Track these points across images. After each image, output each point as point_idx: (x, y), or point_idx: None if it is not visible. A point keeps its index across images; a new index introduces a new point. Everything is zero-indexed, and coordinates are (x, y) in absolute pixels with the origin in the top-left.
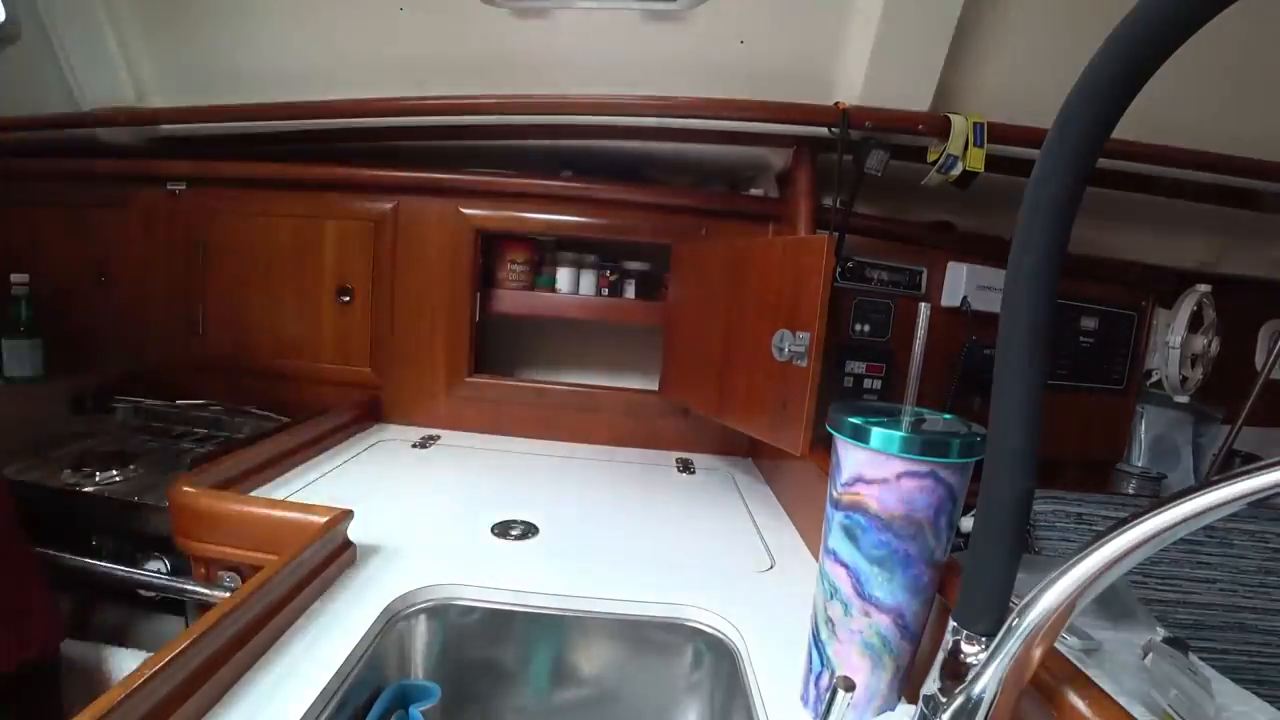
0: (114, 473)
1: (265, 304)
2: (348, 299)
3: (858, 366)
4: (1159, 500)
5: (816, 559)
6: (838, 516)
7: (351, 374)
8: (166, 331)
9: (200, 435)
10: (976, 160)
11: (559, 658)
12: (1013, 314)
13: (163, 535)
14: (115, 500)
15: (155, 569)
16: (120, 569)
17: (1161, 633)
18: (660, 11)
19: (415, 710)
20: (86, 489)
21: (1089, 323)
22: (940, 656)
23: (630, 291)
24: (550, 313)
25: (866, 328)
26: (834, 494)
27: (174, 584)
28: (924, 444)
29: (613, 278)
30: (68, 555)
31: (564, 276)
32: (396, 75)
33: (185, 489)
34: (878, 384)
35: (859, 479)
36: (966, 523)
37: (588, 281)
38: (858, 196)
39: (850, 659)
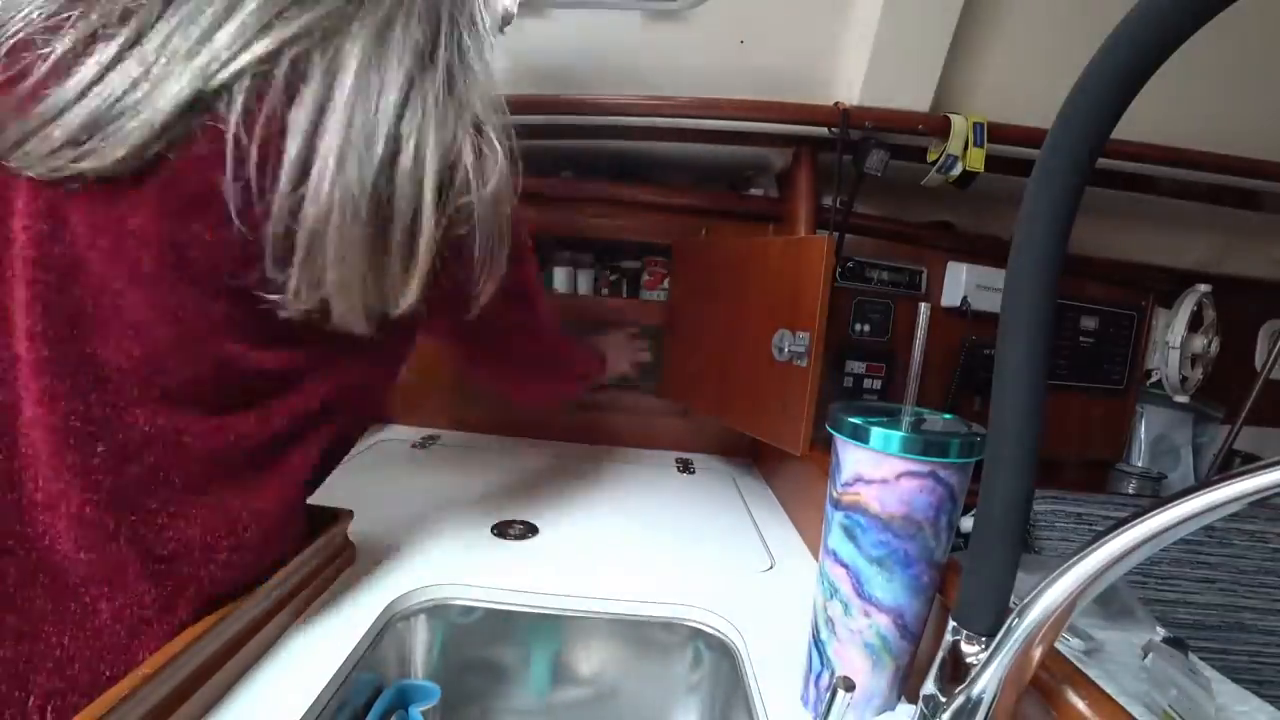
0: None
1: None
2: None
3: (858, 366)
4: (1159, 500)
5: (816, 559)
6: (837, 516)
7: None
8: None
9: None
10: (976, 160)
11: (559, 658)
12: (1013, 314)
13: None
14: None
15: None
16: None
17: (1161, 633)
18: (660, 11)
19: (415, 710)
20: None
21: (1089, 323)
22: (940, 656)
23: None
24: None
25: (866, 328)
26: (834, 494)
27: None
28: (924, 444)
29: (613, 278)
30: None
31: (560, 276)
32: None
33: None
34: (878, 384)
35: (859, 479)
36: (966, 523)
37: (585, 281)
38: (858, 196)
39: (850, 659)
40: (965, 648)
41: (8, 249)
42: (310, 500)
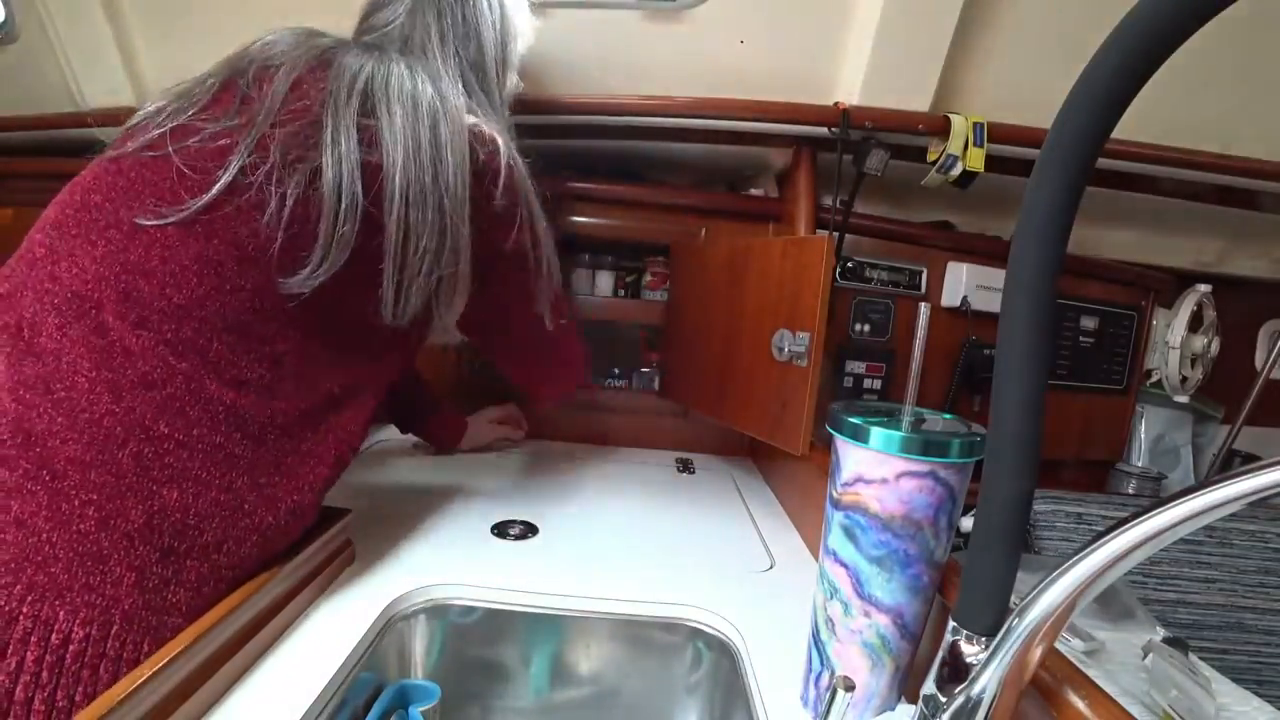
0: None
1: None
2: None
3: (858, 366)
4: (1159, 500)
5: (816, 559)
6: (837, 516)
7: None
8: None
9: None
10: (976, 160)
11: (559, 658)
12: (1013, 314)
13: None
14: None
15: None
16: None
17: (1161, 633)
18: (660, 11)
19: (415, 710)
20: None
21: (1089, 323)
22: (940, 656)
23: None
24: None
25: (866, 328)
26: (834, 494)
27: None
28: (924, 444)
29: (629, 279)
30: None
31: (579, 276)
32: None
33: None
34: (878, 384)
35: (859, 479)
36: (966, 523)
37: (605, 281)
38: (858, 196)
39: (850, 659)
40: (965, 647)
41: (89, 214)
42: None
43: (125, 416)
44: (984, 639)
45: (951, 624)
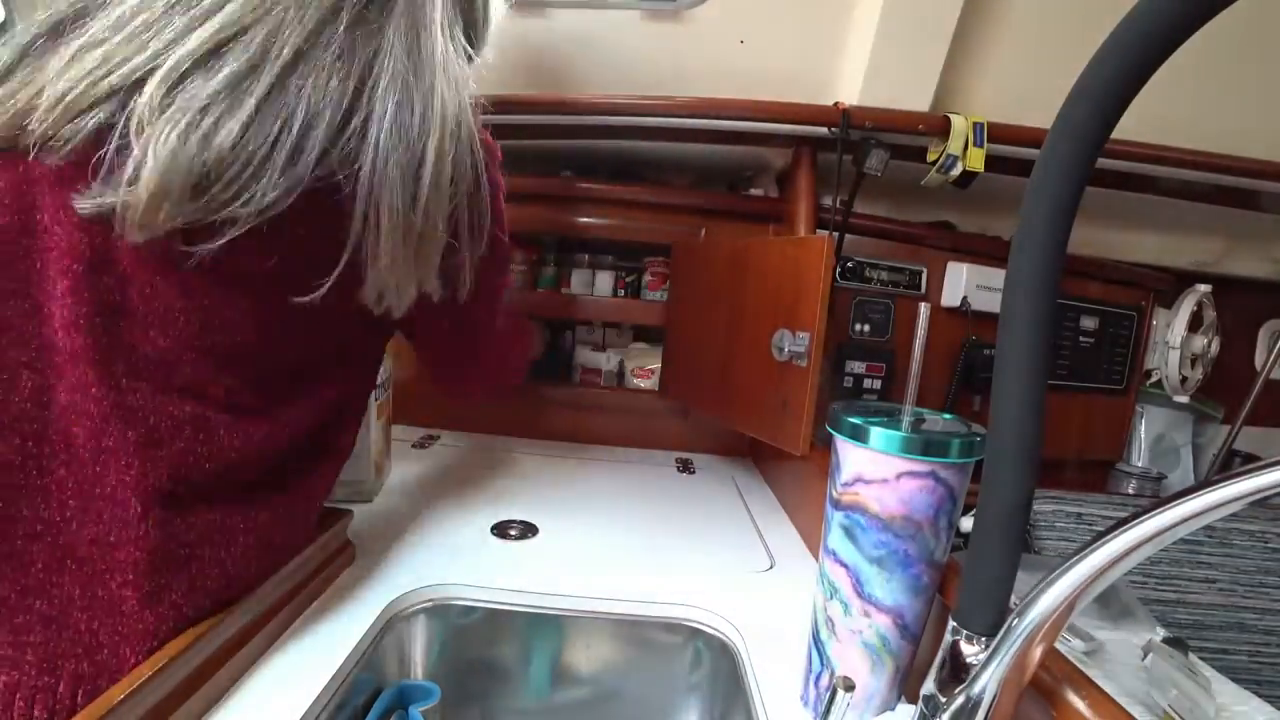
0: None
1: None
2: None
3: (858, 366)
4: (1159, 500)
5: (816, 559)
6: (837, 516)
7: None
8: None
9: None
10: (976, 160)
11: (559, 658)
12: (1013, 314)
13: None
14: None
15: None
16: None
17: (1161, 633)
18: (660, 11)
19: (415, 710)
20: None
21: (1089, 323)
22: (940, 656)
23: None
24: (552, 313)
25: (866, 328)
26: (834, 494)
27: None
28: (924, 444)
29: (629, 278)
30: None
31: (579, 278)
32: None
33: None
34: (878, 384)
35: (859, 479)
36: (966, 523)
37: (604, 281)
38: (858, 196)
39: (850, 659)
40: (965, 647)
41: (38, 239)
42: None
43: (139, 484)
44: (984, 639)
45: (951, 624)
